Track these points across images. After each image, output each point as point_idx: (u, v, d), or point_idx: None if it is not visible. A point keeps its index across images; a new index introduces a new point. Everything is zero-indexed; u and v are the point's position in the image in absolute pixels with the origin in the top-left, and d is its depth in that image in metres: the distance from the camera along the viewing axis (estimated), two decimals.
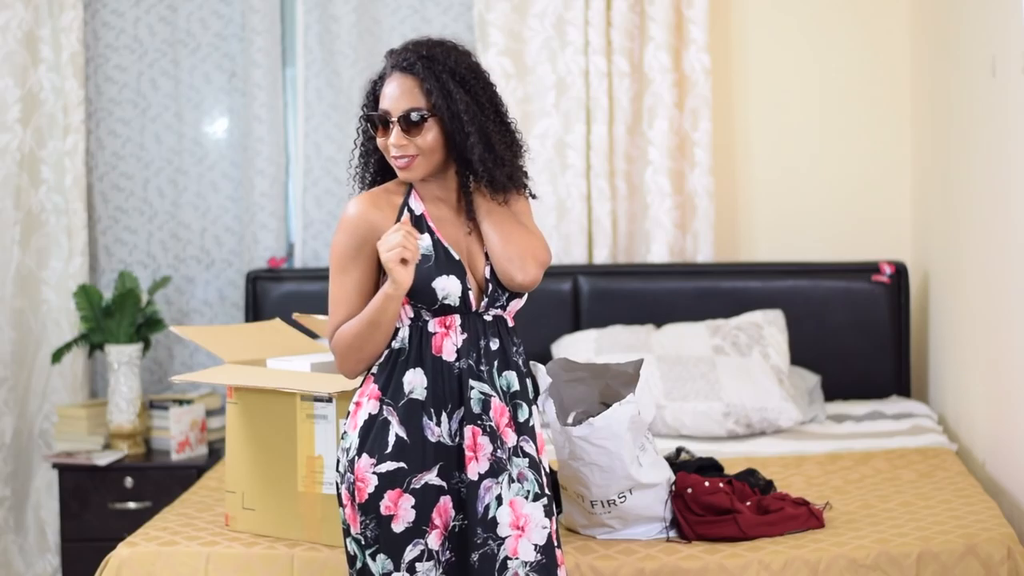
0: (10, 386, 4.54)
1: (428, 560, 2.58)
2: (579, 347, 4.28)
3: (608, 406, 3.03)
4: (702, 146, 4.56)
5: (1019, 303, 3.39)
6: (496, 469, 2.59)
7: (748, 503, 3.16)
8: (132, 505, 4.32)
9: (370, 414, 2.61)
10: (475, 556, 2.57)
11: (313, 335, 3.74)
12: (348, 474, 2.60)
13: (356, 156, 2.74)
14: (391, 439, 2.59)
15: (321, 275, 4.55)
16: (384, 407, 2.61)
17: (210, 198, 4.83)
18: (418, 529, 2.57)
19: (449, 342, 2.61)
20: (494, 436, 2.60)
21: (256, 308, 4.59)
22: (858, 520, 3.20)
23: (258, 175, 4.70)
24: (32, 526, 4.59)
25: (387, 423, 2.60)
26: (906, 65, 4.65)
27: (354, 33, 4.72)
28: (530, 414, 2.66)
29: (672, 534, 3.09)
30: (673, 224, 4.58)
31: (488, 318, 2.65)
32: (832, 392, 4.46)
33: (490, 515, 2.58)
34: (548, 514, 2.62)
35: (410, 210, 2.65)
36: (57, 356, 4.45)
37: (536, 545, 2.58)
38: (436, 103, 2.59)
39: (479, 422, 2.60)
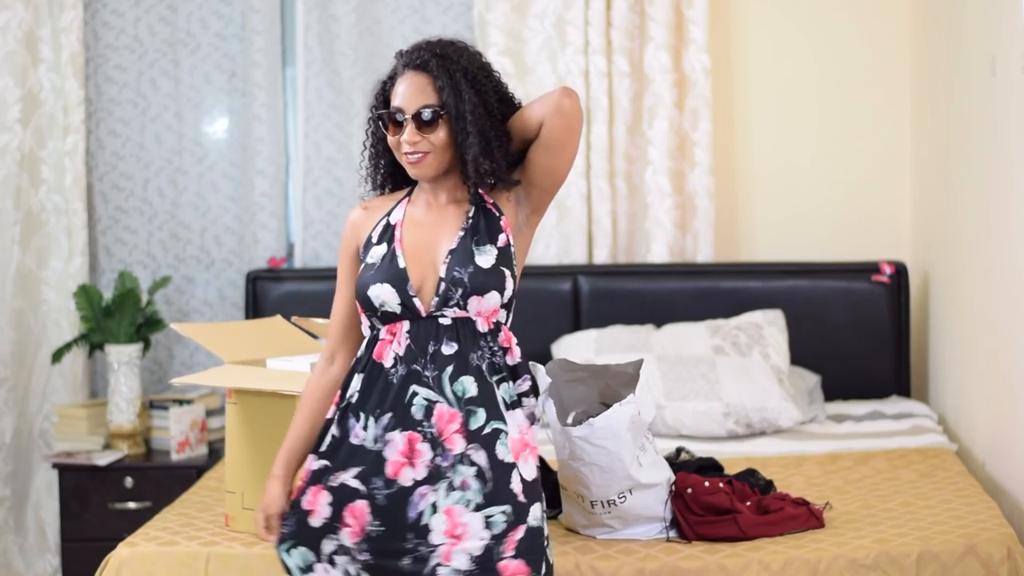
0: (10, 386, 4.54)
1: (344, 555, 2.58)
2: (579, 347, 4.28)
3: (608, 406, 3.03)
4: (702, 146, 4.56)
5: (1019, 303, 3.39)
6: (434, 476, 2.56)
7: (748, 503, 3.15)
8: (132, 505, 4.32)
9: (327, 417, 2.68)
10: (406, 560, 2.55)
11: (313, 337, 3.73)
12: None
13: (366, 158, 2.77)
14: (327, 439, 2.64)
15: (321, 275, 4.55)
16: (336, 409, 2.66)
17: (210, 198, 4.83)
18: (331, 526, 2.58)
19: (390, 348, 2.62)
20: (435, 443, 2.57)
21: (256, 308, 4.59)
22: (858, 520, 3.20)
23: (258, 175, 4.70)
24: (32, 526, 4.60)
25: (329, 423, 2.65)
26: (906, 65, 4.65)
27: (354, 33, 4.72)
28: (487, 421, 2.59)
29: (672, 534, 3.09)
30: (673, 224, 4.58)
31: (445, 322, 2.62)
32: (832, 392, 4.46)
33: (422, 522, 2.55)
34: (494, 527, 2.54)
35: (388, 220, 2.70)
36: (57, 356, 4.45)
37: (471, 556, 2.53)
38: (446, 101, 2.61)
39: (419, 428, 2.58)
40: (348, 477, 2.59)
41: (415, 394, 2.59)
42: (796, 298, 4.48)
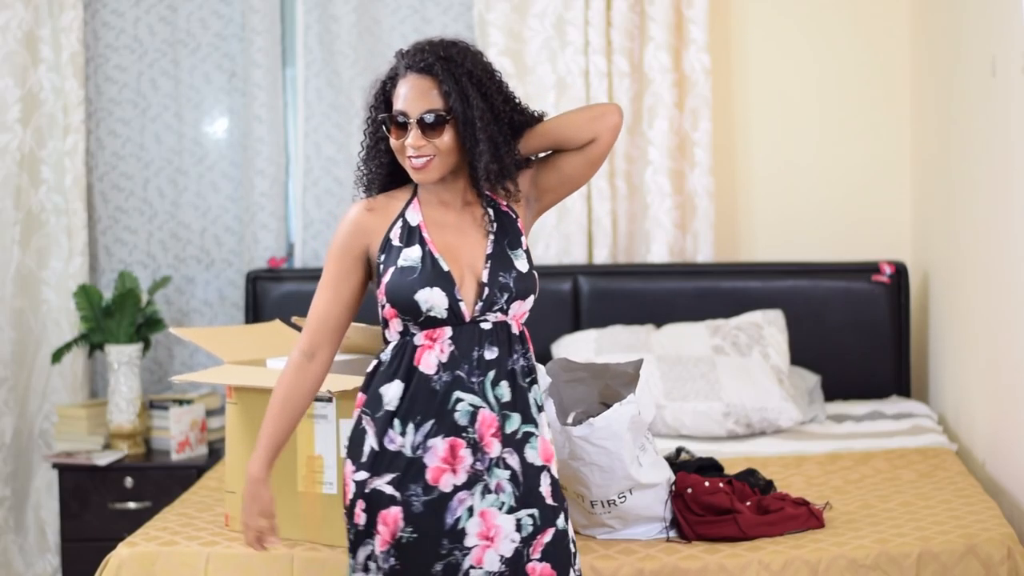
0: (10, 386, 4.54)
1: (374, 562, 2.58)
2: (579, 347, 4.28)
3: (608, 406, 3.03)
4: (702, 146, 4.56)
5: (1019, 303, 3.39)
6: (472, 480, 2.56)
7: (748, 503, 3.15)
8: (132, 505, 4.32)
9: (355, 421, 2.63)
10: (439, 566, 2.55)
11: None
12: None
13: (360, 159, 2.72)
14: (366, 449, 2.59)
15: (321, 275, 4.54)
16: (363, 417, 2.61)
17: (210, 198, 4.83)
18: (368, 532, 2.57)
19: (432, 355, 2.58)
20: (476, 448, 2.57)
21: (256, 308, 4.59)
22: (858, 520, 3.20)
23: (258, 175, 4.70)
24: (32, 526, 4.60)
25: (364, 433, 2.60)
26: (906, 65, 4.65)
27: (354, 33, 4.72)
28: (520, 425, 2.60)
29: (672, 534, 3.09)
30: (673, 224, 4.58)
31: (487, 326, 2.60)
32: (832, 392, 4.46)
33: (459, 527, 2.55)
34: (523, 529, 2.57)
35: (406, 221, 2.64)
36: (57, 356, 4.45)
37: (502, 556, 2.55)
38: (453, 106, 2.57)
39: (463, 435, 2.57)
40: (382, 483, 2.56)
41: (459, 400, 2.57)
42: (796, 298, 4.48)
